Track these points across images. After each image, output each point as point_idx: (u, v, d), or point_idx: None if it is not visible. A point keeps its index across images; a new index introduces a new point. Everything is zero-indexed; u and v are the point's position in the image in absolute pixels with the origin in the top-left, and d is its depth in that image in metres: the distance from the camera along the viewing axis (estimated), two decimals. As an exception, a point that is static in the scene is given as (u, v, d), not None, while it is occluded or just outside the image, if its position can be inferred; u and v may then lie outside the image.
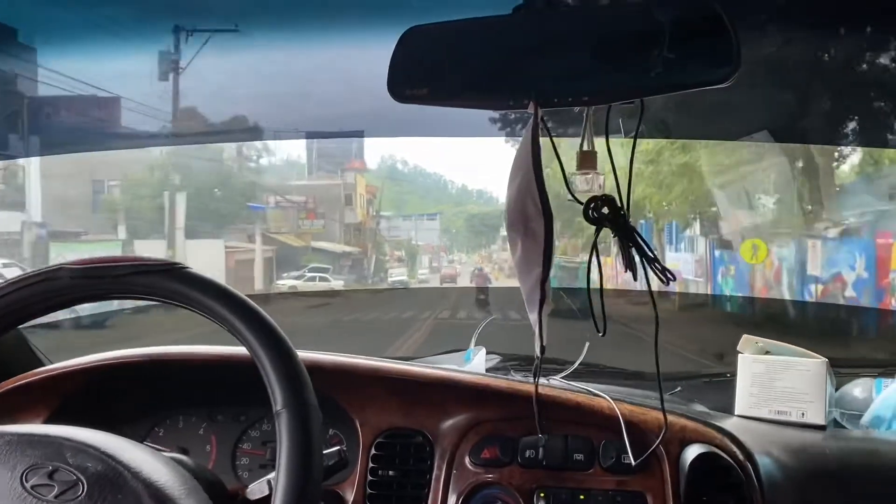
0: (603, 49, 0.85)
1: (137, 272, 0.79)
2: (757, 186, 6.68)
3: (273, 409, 0.75)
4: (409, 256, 19.79)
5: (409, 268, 19.02)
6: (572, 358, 1.34)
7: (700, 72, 0.83)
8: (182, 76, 5.27)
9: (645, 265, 0.88)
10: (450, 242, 22.37)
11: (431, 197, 25.64)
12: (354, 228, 17.37)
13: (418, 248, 20.61)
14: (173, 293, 0.79)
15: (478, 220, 23.08)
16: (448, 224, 23.39)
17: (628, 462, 1.02)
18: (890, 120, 1.92)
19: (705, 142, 4.97)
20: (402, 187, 24.43)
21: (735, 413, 1.26)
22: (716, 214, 8.50)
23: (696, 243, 9.82)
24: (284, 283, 13.28)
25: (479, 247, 21.63)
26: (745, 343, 1.32)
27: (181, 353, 1.22)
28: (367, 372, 1.16)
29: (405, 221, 21.52)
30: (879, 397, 1.29)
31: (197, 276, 0.80)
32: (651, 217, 9.74)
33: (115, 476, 0.73)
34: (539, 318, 0.91)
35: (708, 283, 9.14)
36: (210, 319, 0.78)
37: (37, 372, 1.21)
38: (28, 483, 0.71)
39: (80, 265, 0.80)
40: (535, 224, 0.86)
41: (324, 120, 2.87)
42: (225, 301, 0.78)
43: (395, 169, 23.88)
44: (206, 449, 1.21)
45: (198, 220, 11.86)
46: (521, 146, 0.87)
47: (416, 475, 1.08)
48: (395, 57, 0.87)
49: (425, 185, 26.42)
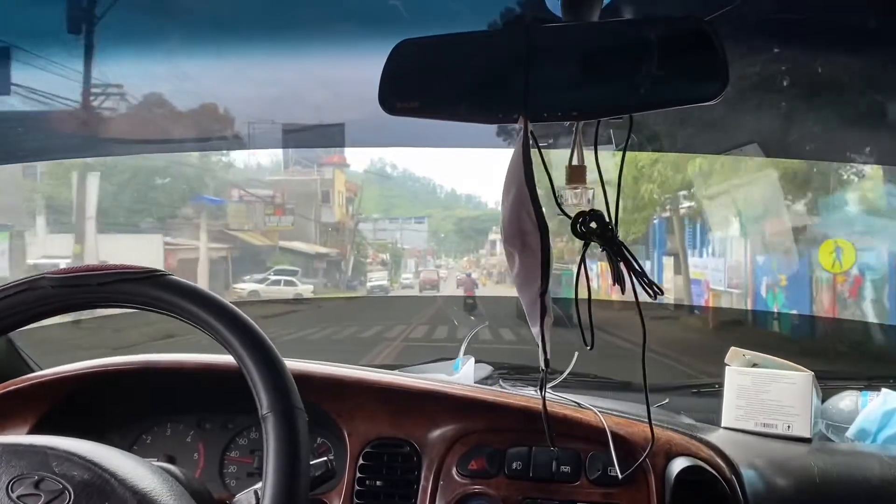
0: (593, 64, 0.86)
1: (119, 280, 0.79)
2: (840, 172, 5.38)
3: (259, 414, 0.75)
4: (394, 260, 18.84)
5: (393, 272, 17.92)
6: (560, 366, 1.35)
7: (689, 88, 0.84)
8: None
9: (633, 279, 0.89)
10: (437, 247, 21.80)
11: (420, 201, 25.37)
12: (332, 228, 16.28)
13: (403, 251, 19.74)
14: (155, 300, 0.79)
15: (467, 224, 22.50)
16: (437, 228, 22.86)
17: (615, 475, 1.02)
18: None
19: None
20: (391, 191, 24.12)
21: (721, 425, 1.26)
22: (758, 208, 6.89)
23: (731, 246, 7.98)
24: (244, 287, 11.98)
25: (468, 251, 20.93)
26: (732, 355, 1.32)
27: (169, 362, 1.22)
28: (355, 382, 1.16)
29: (391, 224, 20.77)
30: (864, 410, 1.30)
31: (178, 282, 0.80)
32: (666, 214, 8.49)
33: (102, 484, 0.72)
34: (542, 331, 0.91)
35: (748, 296, 7.61)
36: (193, 325, 0.78)
37: (25, 378, 1.20)
38: (14, 493, 0.71)
39: (60, 274, 0.80)
40: (531, 238, 0.87)
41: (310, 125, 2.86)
42: (207, 307, 0.78)
43: (384, 172, 23.55)
44: (193, 457, 1.21)
45: (135, 211, 10.83)
46: (513, 160, 0.88)
47: (404, 485, 1.08)
48: (385, 70, 0.88)
49: (414, 189, 26.15)
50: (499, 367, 1.58)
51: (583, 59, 0.86)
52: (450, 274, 17.83)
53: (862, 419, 1.29)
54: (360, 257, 17.27)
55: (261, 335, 0.78)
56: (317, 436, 1.18)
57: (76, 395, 1.19)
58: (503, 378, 1.54)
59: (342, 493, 1.09)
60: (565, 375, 1.35)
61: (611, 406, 1.16)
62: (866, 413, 1.29)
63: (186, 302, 0.78)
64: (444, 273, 18.06)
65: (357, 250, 16.97)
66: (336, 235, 16.40)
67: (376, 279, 16.61)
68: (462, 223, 22.99)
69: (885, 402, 1.28)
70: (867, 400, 1.32)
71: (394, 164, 24.44)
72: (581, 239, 0.89)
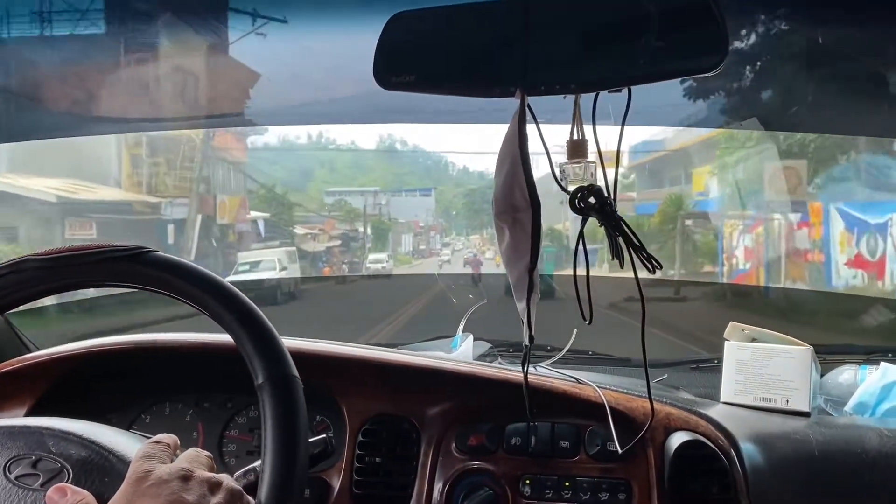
0: (591, 36, 0.85)
1: (105, 259, 0.78)
2: None
3: (255, 385, 0.74)
4: (378, 237, 17.01)
5: (362, 255, 15.82)
6: (560, 343, 1.35)
7: (688, 60, 0.83)
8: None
9: (632, 253, 0.88)
10: (447, 223, 20.25)
11: (431, 177, 24.35)
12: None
13: (397, 226, 17.78)
14: (142, 278, 0.78)
15: (478, 195, 19.96)
16: (448, 205, 21.24)
17: (614, 449, 1.02)
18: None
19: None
20: (401, 168, 23.16)
21: (720, 400, 1.26)
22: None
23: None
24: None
25: (480, 227, 18.56)
26: (731, 330, 1.32)
27: (168, 341, 1.22)
28: (353, 359, 1.16)
29: (395, 197, 19.06)
30: (863, 384, 1.30)
31: (165, 258, 0.78)
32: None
33: (101, 460, 0.72)
34: (528, 307, 0.91)
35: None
36: (183, 302, 0.77)
37: (23, 359, 1.20)
38: (12, 474, 0.71)
39: (45, 255, 0.78)
40: (522, 214, 0.86)
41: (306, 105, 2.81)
42: (195, 282, 0.77)
43: (394, 149, 22.64)
44: (192, 436, 1.21)
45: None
46: (508, 135, 0.87)
47: (403, 462, 1.08)
48: (380, 43, 0.86)
49: (426, 165, 25.05)
50: (497, 344, 1.58)
51: (581, 31, 0.85)
52: (455, 256, 16.89)
53: (861, 393, 1.29)
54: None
55: (251, 306, 0.77)
56: (316, 413, 1.18)
57: (74, 376, 1.19)
58: (502, 355, 1.55)
59: (342, 470, 1.09)
60: (564, 352, 1.35)
61: (610, 381, 1.16)
62: (865, 386, 1.29)
63: (173, 277, 0.77)
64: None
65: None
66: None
67: (374, 260, 15.61)
68: (474, 194, 21.08)
69: (884, 375, 1.28)
70: (866, 374, 1.33)
71: (403, 140, 23.19)
72: (579, 214, 0.88)
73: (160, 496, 0.64)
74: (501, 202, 0.89)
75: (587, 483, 1.03)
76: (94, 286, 0.81)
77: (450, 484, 1.06)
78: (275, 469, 0.71)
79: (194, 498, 0.65)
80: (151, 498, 0.63)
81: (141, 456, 0.68)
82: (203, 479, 0.67)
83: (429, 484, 1.06)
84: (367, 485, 1.08)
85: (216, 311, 0.76)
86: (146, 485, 0.64)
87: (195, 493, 0.65)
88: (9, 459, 0.72)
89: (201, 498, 0.66)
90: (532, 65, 0.84)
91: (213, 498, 0.67)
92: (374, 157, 19.30)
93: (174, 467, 0.67)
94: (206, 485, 0.67)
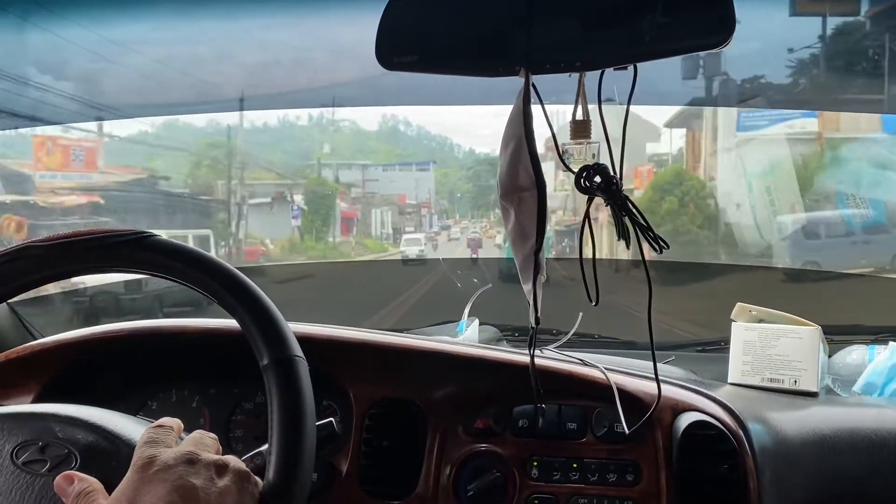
0: (596, 14, 0.83)
1: (107, 245, 0.77)
2: None
3: (260, 367, 0.74)
4: (314, 211, 12.67)
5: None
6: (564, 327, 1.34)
7: (695, 36, 0.81)
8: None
9: (638, 234, 0.87)
10: (451, 205, 17.25)
11: (436, 159, 23.62)
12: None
13: (336, 188, 13.69)
14: (145, 263, 0.78)
15: (484, 169, 16.14)
16: (453, 187, 18.44)
17: (621, 431, 1.02)
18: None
19: None
20: (405, 150, 22.46)
21: (728, 381, 1.26)
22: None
23: None
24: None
25: (487, 206, 15.40)
26: (738, 311, 1.31)
27: (174, 327, 1.22)
28: (359, 343, 1.16)
29: (385, 172, 16.01)
30: (871, 364, 1.29)
31: (167, 243, 0.78)
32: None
33: (108, 445, 0.72)
34: (534, 289, 0.91)
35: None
36: (186, 285, 0.77)
37: (28, 346, 1.20)
38: (19, 460, 0.71)
39: (47, 242, 0.78)
40: (527, 194, 0.85)
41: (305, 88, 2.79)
42: (197, 265, 0.77)
43: (397, 130, 21.88)
44: (199, 422, 1.21)
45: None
46: (512, 114, 0.86)
47: (410, 445, 1.08)
48: (382, 23, 0.85)
49: (430, 148, 24.24)
50: (503, 328, 1.58)
51: (586, 8, 0.83)
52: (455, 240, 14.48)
53: (869, 373, 1.28)
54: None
55: (254, 289, 0.77)
56: (322, 398, 1.17)
57: (80, 363, 1.19)
58: (507, 339, 1.54)
59: (349, 454, 1.09)
60: (571, 335, 1.35)
61: (617, 363, 1.15)
62: (873, 367, 1.28)
63: (175, 261, 0.77)
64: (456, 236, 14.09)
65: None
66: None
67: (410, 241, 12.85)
68: (479, 167, 17.89)
69: (893, 355, 1.27)
70: (874, 354, 1.32)
71: (407, 122, 22.21)
72: (585, 194, 0.87)
73: (166, 481, 0.63)
74: (506, 183, 0.88)
75: (595, 464, 1.03)
76: (97, 272, 0.81)
77: (457, 467, 1.06)
78: (282, 448, 0.71)
79: (201, 481, 0.65)
80: (158, 483, 0.63)
81: (145, 441, 0.68)
82: (209, 461, 0.67)
83: (436, 467, 1.06)
84: (374, 468, 1.08)
85: (220, 294, 0.76)
86: (152, 470, 0.64)
87: (202, 477, 0.65)
88: (16, 445, 0.72)
89: (208, 481, 0.65)
90: (536, 43, 0.83)
91: (220, 480, 0.66)
92: (376, 138, 18.53)
93: (179, 451, 0.67)
94: (213, 467, 0.67)
